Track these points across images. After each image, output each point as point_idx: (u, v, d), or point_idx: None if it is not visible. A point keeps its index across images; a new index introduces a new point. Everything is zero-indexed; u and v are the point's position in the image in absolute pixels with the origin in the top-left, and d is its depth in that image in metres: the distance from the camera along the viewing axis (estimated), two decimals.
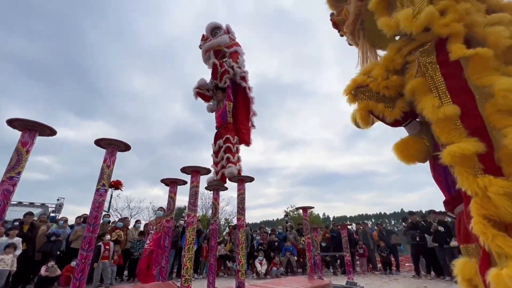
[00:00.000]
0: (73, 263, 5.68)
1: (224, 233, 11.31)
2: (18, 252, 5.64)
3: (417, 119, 1.65)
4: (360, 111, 1.59)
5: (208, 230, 7.77)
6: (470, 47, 1.28)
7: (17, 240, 5.74)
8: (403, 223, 9.68)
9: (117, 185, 11.23)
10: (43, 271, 5.78)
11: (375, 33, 1.87)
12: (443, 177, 1.53)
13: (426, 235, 7.78)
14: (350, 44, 2.32)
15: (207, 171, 3.70)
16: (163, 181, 4.17)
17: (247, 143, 4.63)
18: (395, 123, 1.59)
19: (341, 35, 2.35)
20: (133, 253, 7.42)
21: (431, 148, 1.53)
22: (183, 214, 20.80)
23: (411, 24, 1.41)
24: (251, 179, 4.12)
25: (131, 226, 8.72)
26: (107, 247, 6.46)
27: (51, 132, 2.99)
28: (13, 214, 8.85)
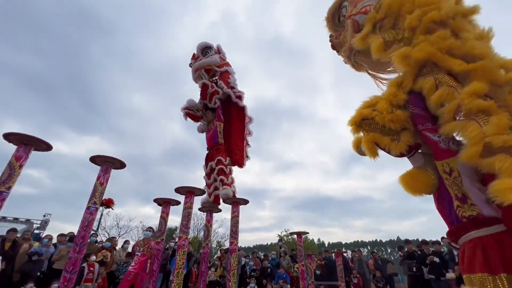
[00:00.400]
0: (54, 286, 5.34)
1: (215, 256, 10.87)
2: None
3: (420, 151, 1.69)
4: (367, 143, 1.64)
5: (199, 253, 7.48)
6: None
7: None
8: (399, 252, 9.46)
9: (108, 204, 10.83)
10: None
11: (371, 59, 2.01)
12: (447, 209, 1.54)
13: (422, 266, 7.58)
14: (345, 63, 2.48)
15: (202, 192, 3.66)
16: (156, 200, 4.09)
17: (240, 164, 4.54)
18: (399, 155, 1.65)
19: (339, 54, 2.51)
20: (118, 276, 7.02)
21: (436, 181, 1.57)
22: (174, 235, 20.04)
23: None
24: (245, 202, 4.07)
25: (119, 246, 8.34)
26: (92, 268, 6.12)
27: (47, 147, 2.98)
28: None
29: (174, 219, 28.42)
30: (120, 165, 3.34)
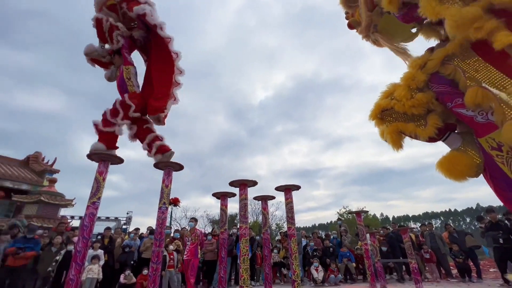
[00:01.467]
0: (144, 272, 6.36)
1: (276, 239, 11.34)
2: (102, 262, 6.56)
3: (456, 131, 1.50)
4: (390, 134, 1.55)
5: (260, 237, 7.92)
6: None
7: (100, 252, 6.69)
8: (479, 223, 8.35)
9: (175, 202, 12.34)
10: (122, 278, 6.61)
11: (389, 32, 1.86)
12: (508, 190, 1.30)
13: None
14: (365, 40, 2.30)
15: (254, 183, 3.83)
16: (214, 194, 4.44)
17: (157, 110, 3.48)
18: (431, 140, 1.52)
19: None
20: None
21: (480, 161, 1.38)
22: (235, 221, 21.57)
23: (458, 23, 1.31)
24: (297, 188, 4.11)
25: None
26: (172, 256, 7.07)
27: (119, 160, 3.50)
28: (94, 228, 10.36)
29: (233, 207, 30.32)
30: (179, 167, 3.71)
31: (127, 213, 22.97)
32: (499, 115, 1.15)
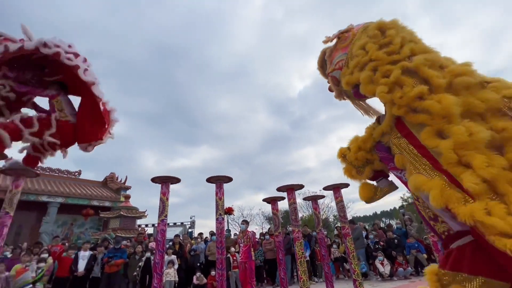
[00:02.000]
0: (212, 273, 6.97)
1: (334, 234, 11.09)
2: (176, 266, 7.40)
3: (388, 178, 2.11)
4: (345, 172, 2.17)
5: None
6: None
7: (173, 257, 7.55)
8: None
9: (229, 211, 13.25)
10: (194, 280, 7.36)
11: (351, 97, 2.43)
12: (429, 226, 1.76)
13: None
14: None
15: (300, 187, 3.90)
16: (265, 200, 4.65)
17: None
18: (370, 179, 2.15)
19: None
20: (255, 262, 8.37)
21: (374, 195, 2.11)
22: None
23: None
24: (346, 185, 4.03)
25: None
26: (234, 258, 7.57)
27: (177, 181, 3.95)
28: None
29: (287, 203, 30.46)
30: (228, 179, 4.01)
31: (191, 218, 25.04)
32: (409, 175, 1.56)
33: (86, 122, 3.39)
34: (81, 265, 6.70)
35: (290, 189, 3.85)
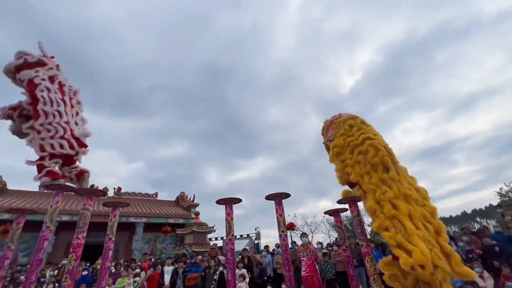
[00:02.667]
0: (283, 287, 6.99)
1: None
2: (247, 279, 7.67)
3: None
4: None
5: None
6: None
7: (244, 271, 7.86)
8: None
9: (291, 227, 13.09)
10: None
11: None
12: None
13: None
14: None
15: (360, 198, 3.69)
16: (326, 212, 4.53)
17: None
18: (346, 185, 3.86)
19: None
20: (327, 275, 8.01)
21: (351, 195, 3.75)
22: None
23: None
24: (287, 195, 3.64)
25: (314, 242, 9.57)
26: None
27: (238, 201, 4.22)
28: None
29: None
30: (286, 195, 4.08)
31: (255, 229, 25.64)
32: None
33: None
34: (166, 279, 7.55)
35: (352, 201, 3.68)
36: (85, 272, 8.10)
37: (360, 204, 3.74)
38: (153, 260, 10.63)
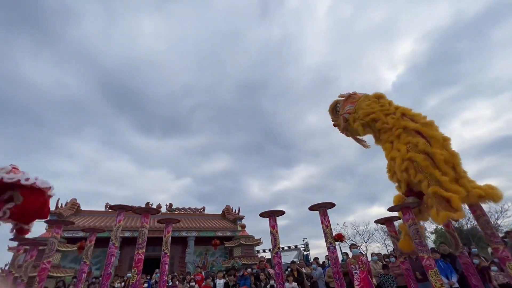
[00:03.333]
0: None
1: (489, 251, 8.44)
2: None
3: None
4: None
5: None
6: None
7: (294, 284, 7.64)
8: None
9: (340, 239, 12.36)
10: None
11: (356, 133, 4.43)
12: None
13: None
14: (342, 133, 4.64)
15: (417, 203, 3.35)
16: (377, 221, 4.22)
17: None
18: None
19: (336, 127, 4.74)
20: None
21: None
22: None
23: None
24: (282, 213, 3.18)
25: (369, 258, 8.86)
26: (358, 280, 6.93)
27: (281, 213, 4.20)
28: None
29: None
30: (330, 205, 3.93)
31: (303, 240, 24.85)
32: None
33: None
34: None
35: (406, 208, 3.37)
36: (145, 285, 8.78)
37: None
38: (204, 273, 11.03)
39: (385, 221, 3.95)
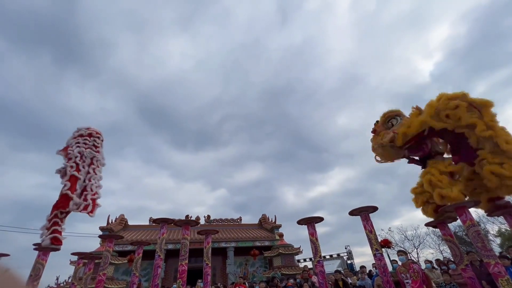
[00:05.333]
0: None
1: None
2: None
3: None
4: None
5: None
6: None
7: None
8: None
9: (386, 244, 11.50)
10: None
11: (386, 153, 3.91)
12: None
13: None
14: (374, 147, 4.12)
15: (474, 203, 2.99)
16: (428, 224, 3.85)
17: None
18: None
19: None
20: None
21: None
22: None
23: None
24: (321, 219, 2.71)
25: (422, 266, 8.05)
26: None
27: (320, 219, 4.04)
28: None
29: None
30: (373, 209, 3.69)
31: (346, 248, 23.56)
32: None
33: None
34: None
35: (461, 208, 3.01)
36: None
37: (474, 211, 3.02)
38: (247, 284, 10.98)
39: (437, 224, 3.57)
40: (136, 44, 76.20)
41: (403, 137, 3.50)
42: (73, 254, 6.18)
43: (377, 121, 4.06)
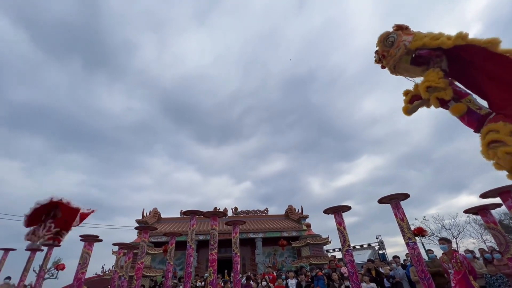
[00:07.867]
0: None
1: None
2: None
3: None
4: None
5: None
6: None
7: (373, 285, 7.06)
8: None
9: (420, 233, 10.89)
10: None
11: (403, 69, 3.47)
12: None
13: None
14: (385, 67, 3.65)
15: None
16: (468, 211, 3.59)
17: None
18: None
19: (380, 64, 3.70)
20: None
21: None
22: None
23: None
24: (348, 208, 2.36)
25: (461, 252, 7.55)
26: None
27: (348, 208, 3.95)
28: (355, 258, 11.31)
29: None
30: (404, 196, 3.51)
31: (376, 238, 22.87)
32: None
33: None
34: None
35: (506, 192, 2.76)
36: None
37: None
38: (275, 273, 11.18)
39: (478, 211, 3.32)
40: (156, 44, 78.69)
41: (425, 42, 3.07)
42: (114, 244, 6.73)
43: (376, 50, 3.67)
